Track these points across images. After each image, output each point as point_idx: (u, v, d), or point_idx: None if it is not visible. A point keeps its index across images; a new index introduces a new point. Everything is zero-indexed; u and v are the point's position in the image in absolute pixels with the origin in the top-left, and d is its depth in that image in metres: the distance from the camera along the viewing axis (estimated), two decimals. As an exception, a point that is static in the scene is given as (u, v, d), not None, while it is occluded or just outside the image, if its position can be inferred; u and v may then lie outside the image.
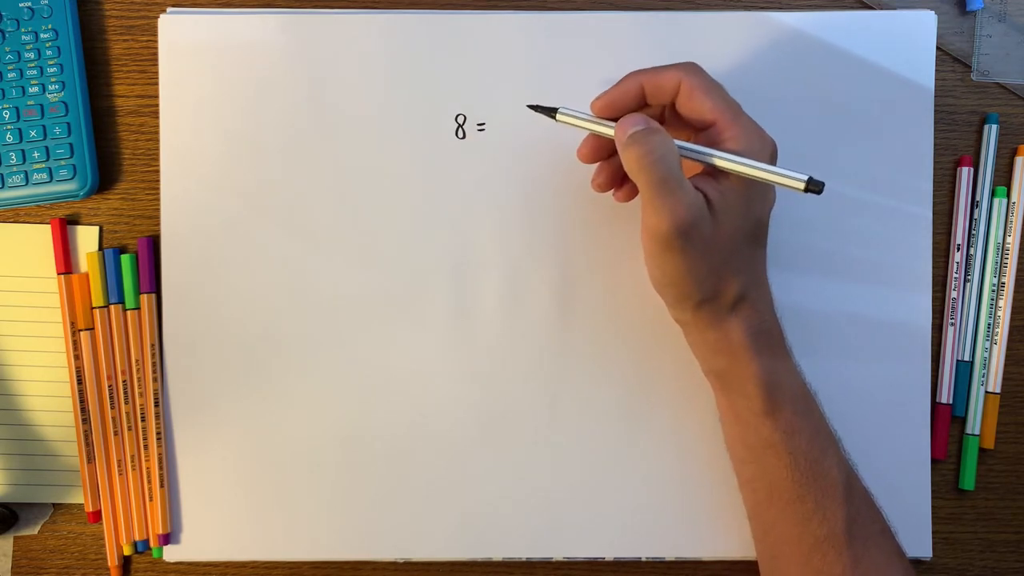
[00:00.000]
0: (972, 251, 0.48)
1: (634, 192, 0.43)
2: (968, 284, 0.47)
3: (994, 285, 0.47)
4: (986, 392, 0.47)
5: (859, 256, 0.47)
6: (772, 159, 0.39)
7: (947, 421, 0.47)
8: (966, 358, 0.47)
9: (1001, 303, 0.47)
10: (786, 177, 0.37)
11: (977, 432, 0.47)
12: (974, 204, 0.48)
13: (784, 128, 0.40)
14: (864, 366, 0.47)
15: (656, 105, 0.41)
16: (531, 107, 0.42)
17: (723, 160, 0.38)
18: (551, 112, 0.41)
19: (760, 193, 0.39)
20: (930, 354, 0.47)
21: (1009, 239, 0.47)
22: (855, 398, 0.46)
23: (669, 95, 0.39)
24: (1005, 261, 0.47)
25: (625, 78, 0.40)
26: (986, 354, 0.47)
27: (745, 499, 0.43)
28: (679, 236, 0.36)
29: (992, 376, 0.47)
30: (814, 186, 0.36)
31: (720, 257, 0.38)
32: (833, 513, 0.39)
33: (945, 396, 0.47)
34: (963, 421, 0.48)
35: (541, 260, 0.47)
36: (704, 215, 0.37)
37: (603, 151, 0.42)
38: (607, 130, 0.40)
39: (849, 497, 0.39)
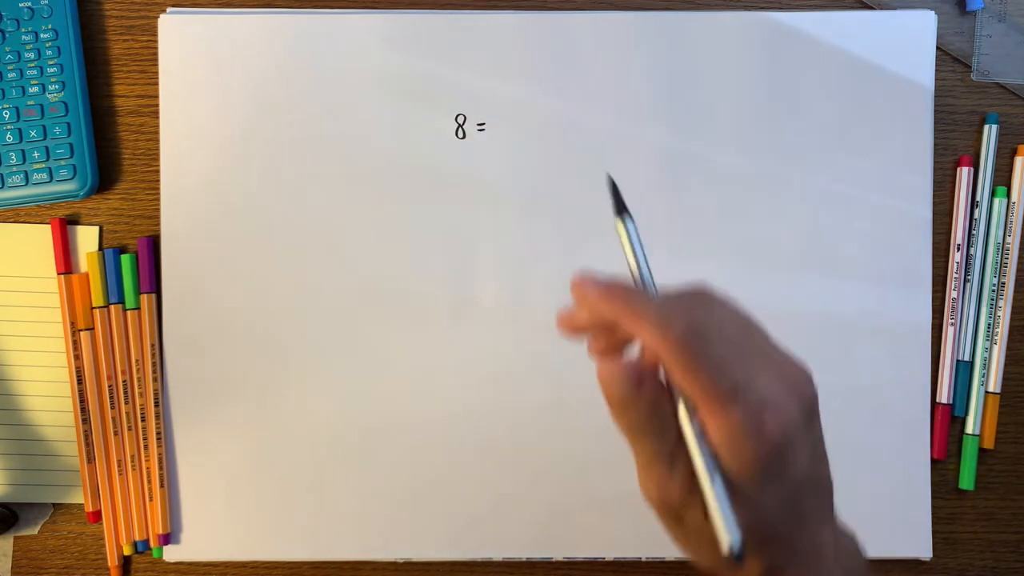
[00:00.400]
0: (972, 251, 0.48)
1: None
2: (968, 284, 0.47)
3: (994, 285, 0.47)
4: (986, 392, 0.47)
5: (859, 256, 0.47)
6: (775, 454, 0.29)
7: (947, 421, 0.47)
8: (966, 358, 0.47)
9: (1001, 303, 0.47)
10: (721, 523, 0.29)
11: (977, 432, 0.47)
12: (974, 204, 0.48)
13: (784, 128, 0.40)
14: (864, 366, 0.47)
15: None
16: (613, 184, 0.34)
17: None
18: (620, 210, 0.33)
19: (767, 434, 0.29)
20: (930, 354, 0.47)
21: (1009, 239, 0.47)
22: (855, 398, 0.46)
23: (649, 355, 0.31)
24: (1005, 261, 0.47)
25: (612, 295, 0.31)
26: (986, 354, 0.47)
27: None
28: (662, 512, 0.31)
29: (992, 376, 0.47)
30: (733, 553, 0.29)
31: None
32: None
33: (945, 396, 0.47)
34: (963, 421, 0.48)
35: (541, 260, 0.47)
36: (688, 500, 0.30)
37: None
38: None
39: None
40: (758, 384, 0.30)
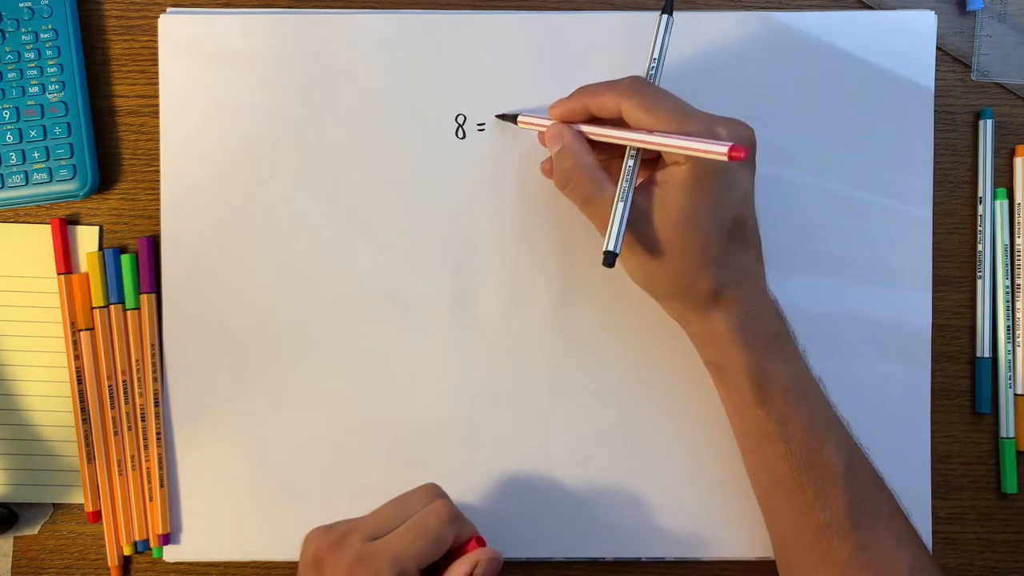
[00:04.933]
0: (980, 247, 0.48)
1: None
2: (980, 281, 0.48)
3: (1007, 288, 0.47)
4: (1015, 395, 0.47)
5: (859, 256, 0.47)
6: (720, 168, 0.38)
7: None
8: (986, 354, 0.48)
9: (1019, 304, 0.47)
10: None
11: (1012, 435, 0.47)
12: (976, 202, 0.48)
13: (784, 128, 0.40)
14: (864, 366, 0.47)
15: (608, 118, 0.41)
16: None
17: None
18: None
19: (715, 187, 0.38)
20: (930, 354, 0.47)
21: (1019, 240, 0.47)
22: (855, 398, 0.46)
23: (613, 114, 0.40)
24: (1018, 262, 0.47)
25: (574, 94, 0.41)
26: (1009, 356, 0.47)
27: (752, 486, 0.43)
28: (586, 205, 0.40)
29: (1019, 378, 0.47)
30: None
31: (677, 252, 0.39)
32: (835, 500, 0.39)
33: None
34: (988, 419, 0.48)
35: (541, 260, 0.47)
36: (637, 218, 0.39)
37: None
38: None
39: (851, 483, 0.39)
40: (707, 115, 0.38)
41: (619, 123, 0.40)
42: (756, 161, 0.40)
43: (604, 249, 0.38)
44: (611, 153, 0.42)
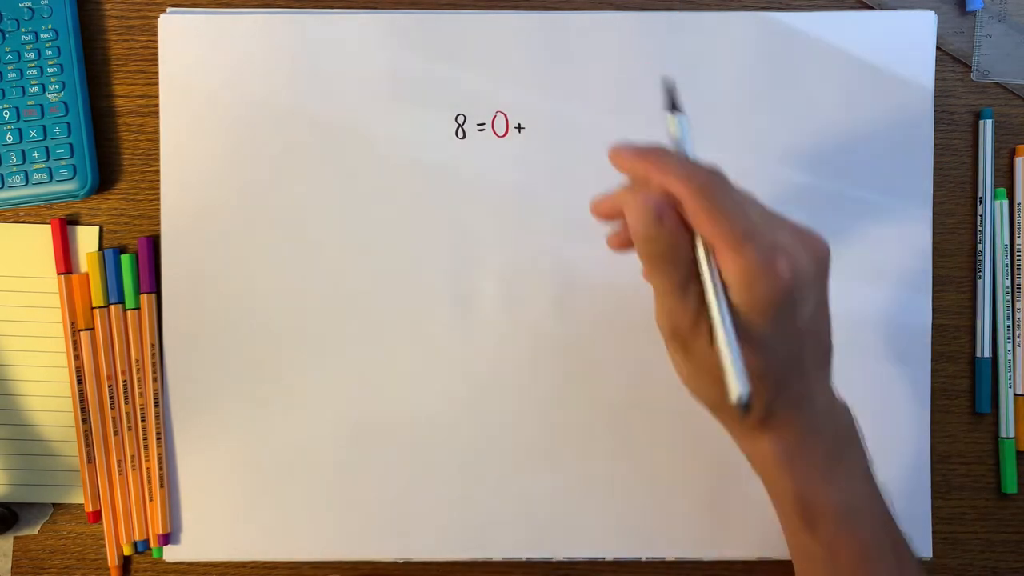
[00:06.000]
0: (980, 248, 0.48)
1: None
2: (980, 281, 0.48)
3: (1007, 288, 0.47)
4: (1015, 395, 0.47)
5: (859, 256, 0.47)
6: (786, 292, 0.32)
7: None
8: (986, 355, 0.48)
9: (1019, 304, 0.47)
10: (730, 371, 0.32)
11: (1012, 435, 0.47)
12: (977, 202, 0.48)
13: (784, 128, 0.40)
14: (864, 366, 0.47)
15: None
16: (667, 87, 0.36)
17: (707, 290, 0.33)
18: (674, 107, 0.36)
19: (774, 315, 0.33)
20: (930, 354, 0.47)
21: (1019, 240, 0.47)
22: (855, 398, 0.46)
23: (676, 199, 0.34)
24: (1018, 262, 0.47)
25: (647, 155, 0.34)
26: (1009, 356, 0.48)
27: None
28: (672, 340, 0.35)
29: (1019, 378, 0.47)
30: (739, 403, 0.31)
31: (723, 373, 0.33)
32: None
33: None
34: (988, 419, 0.48)
35: (541, 260, 0.47)
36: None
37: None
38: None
39: None
40: (774, 233, 0.33)
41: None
42: (826, 267, 0.35)
43: (735, 396, 0.31)
44: None
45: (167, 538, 0.46)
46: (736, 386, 0.31)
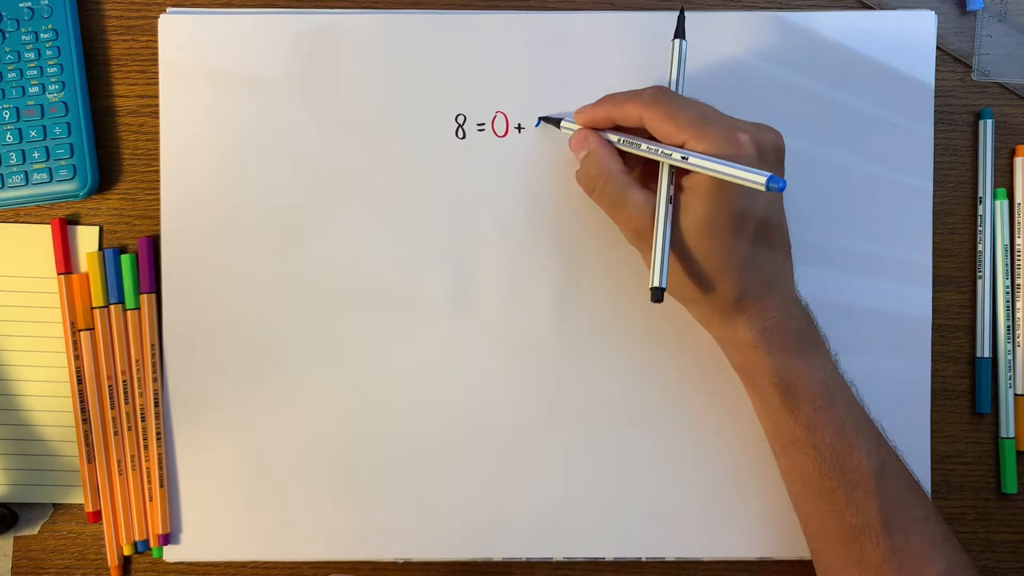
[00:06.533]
0: (980, 247, 0.48)
1: None
2: (980, 281, 0.48)
3: (1007, 288, 0.47)
4: (1015, 395, 0.47)
5: (860, 254, 0.47)
6: (754, 159, 0.37)
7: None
8: (986, 355, 0.48)
9: (1019, 304, 0.47)
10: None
11: (1012, 435, 0.47)
12: (977, 202, 0.48)
13: (784, 128, 0.40)
14: (865, 363, 0.46)
15: (631, 126, 0.41)
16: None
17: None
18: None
19: (739, 194, 0.38)
20: (930, 351, 0.47)
21: (1019, 240, 0.47)
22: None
23: (636, 123, 0.40)
24: (1018, 262, 0.47)
25: (599, 102, 0.42)
26: (1009, 356, 0.48)
27: (787, 490, 0.43)
28: (637, 239, 0.40)
29: (1019, 378, 0.47)
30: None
31: (700, 258, 0.39)
32: (866, 504, 0.39)
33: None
34: (988, 419, 0.48)
35: (541, 259, 0.47)
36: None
37: None
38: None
39: (883, 487, 0.39)
40: (731, 120, 0.38)
41: (643, 132, 0.41)
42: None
43: (651, 285, 0.38)
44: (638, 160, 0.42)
45: (167, 538, 0.47)
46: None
